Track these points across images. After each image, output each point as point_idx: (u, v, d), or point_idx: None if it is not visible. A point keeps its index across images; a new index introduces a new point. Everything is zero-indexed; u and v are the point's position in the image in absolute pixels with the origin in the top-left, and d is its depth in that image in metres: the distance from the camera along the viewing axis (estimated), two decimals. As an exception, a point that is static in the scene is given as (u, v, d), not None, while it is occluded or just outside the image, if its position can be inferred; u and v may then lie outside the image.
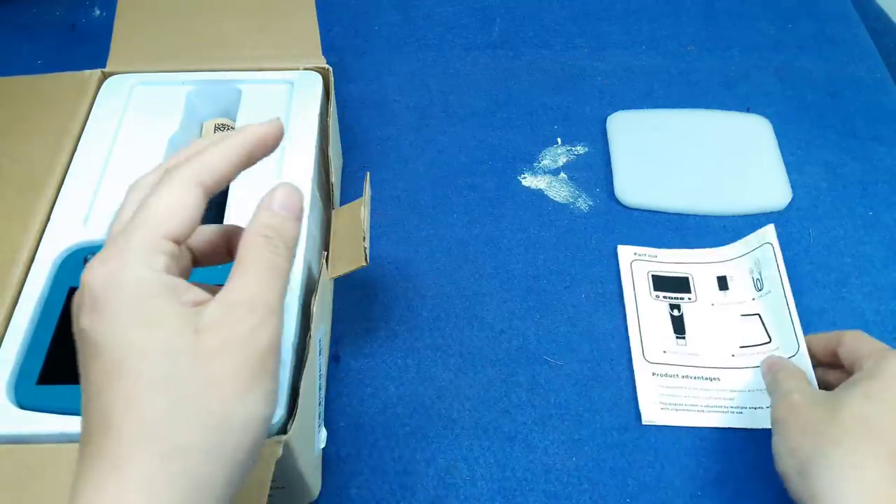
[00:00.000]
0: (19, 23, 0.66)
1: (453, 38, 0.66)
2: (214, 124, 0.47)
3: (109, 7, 0.66)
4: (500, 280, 0.51)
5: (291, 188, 0.28)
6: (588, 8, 0.69)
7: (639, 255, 0.51)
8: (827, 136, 0.59)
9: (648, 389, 0.45)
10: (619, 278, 0.51)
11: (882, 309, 0.49)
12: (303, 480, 0.37)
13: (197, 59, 0.47)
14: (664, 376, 0.46)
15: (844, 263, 0.52)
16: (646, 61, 0.64)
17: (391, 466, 0.43)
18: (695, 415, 0.44)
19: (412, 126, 0.60)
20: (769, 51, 0.65)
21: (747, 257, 0.50)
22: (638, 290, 0.50)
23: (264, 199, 0.28)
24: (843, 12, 0.69)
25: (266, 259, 0.26)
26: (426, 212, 0.54)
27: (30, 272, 0.37)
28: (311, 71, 0.47)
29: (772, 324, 0.46)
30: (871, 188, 0.56)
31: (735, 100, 0.61)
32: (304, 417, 0.34)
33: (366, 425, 0.44)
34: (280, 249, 0.26)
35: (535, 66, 0.64)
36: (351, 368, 0.46)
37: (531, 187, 0.56)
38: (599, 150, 0.58)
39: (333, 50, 0.50)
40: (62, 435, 0.31)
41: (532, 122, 0.60)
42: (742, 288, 0.49)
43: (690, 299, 0.49)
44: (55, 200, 0.40)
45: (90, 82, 0.46)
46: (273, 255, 0.26)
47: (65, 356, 0.34)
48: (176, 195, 0.26)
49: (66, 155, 0.42)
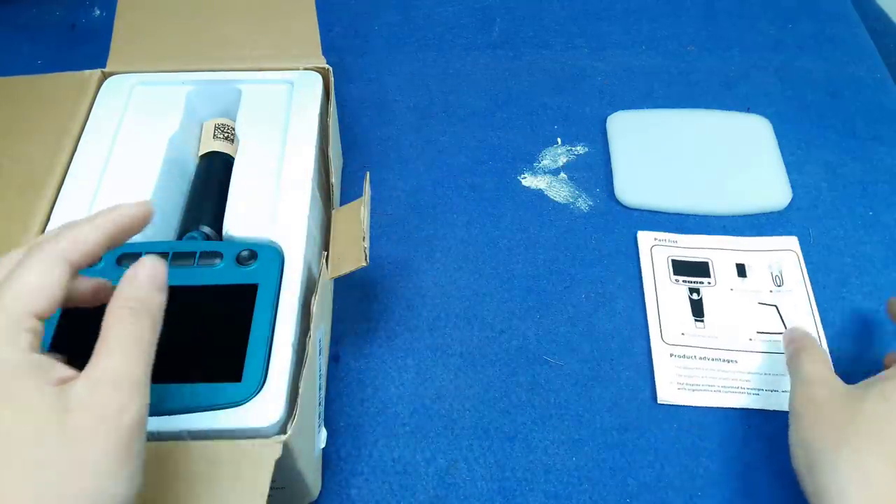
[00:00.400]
0: (19, 23, 0.66)
1: (453, 38, 0.66)
2: (214, 124, 0.47)
3: (109, 7, 0.66)
4: (500, 280, 0.51)
5: (156, 260, 0.28)
6: (588, 8, 0.69)
7: (659, 240, 0.52)
8: (827, 136, 0.59)
9: (666, 370, 0.46)
10: (619, 278, 0.51)
11: (882, 309, 0.49)
12: (303, 480, 0.37)
13: (197, 59, 0.47)
14: (682, 357, 0.47)
15: (844, 263, 0.52)
16: (646, 61, 0.64)
17: (391, 466, 0.43)
18: (711, 395, 0.45)
19: (412, 126, 0.60)
20: (769, 51, 0.65)
21: (766, 254, 0.51)
22: (658, 274, 0.50)
23: (129, 271, 0.28)
24: (843, 12, 0.69)
25: (131, 333, 0.26)
26: (426, 212, 0.54)
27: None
28: (311, 71, 0.47)
29: (790, 318, 0.48)
30: (871, 188, 0.56)
31: (735, 100, 0.61)
32: (304, 417, 0.34)
33: (366, 425, 0.44)
34: (145, 322, 0.26)
35: (535, 66, 0.64)
36: (351, 368, 0.46)
37: (531, 187, 0.56)
38: (599, 150, 0.58)
39: (333, 50, 0.50)
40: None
41: (532, 122, 0.60)
42: (760, 278, 0.50)
43: (710, 283, 0.50)
44: (55, 200, 0.40)
45: (90, 82, 0.46)
46: (138, 328, 0.26)
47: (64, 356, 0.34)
48: (40, 271, 0.26)
49: (66, 155, 0.42)
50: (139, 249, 0.37)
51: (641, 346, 0.48)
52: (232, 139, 0.46)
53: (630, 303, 0.50)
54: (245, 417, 0.32)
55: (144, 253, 0.31)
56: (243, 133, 0.44)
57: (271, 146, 0.43)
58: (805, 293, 0.49)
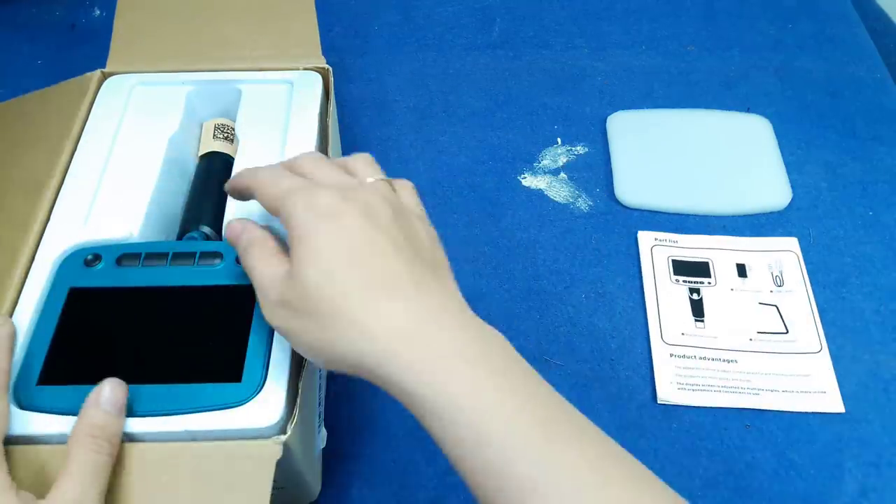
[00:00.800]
0: (19, 23, 0.66)
1: (453, 38, 0.66)
2: (214, 124, 0.47)
3: (109, 7, 0.66)
4: (500, 280, 0.51)
5: (117, 384, 0.31)
6: (588, 8, 0.69)
7: (659, 240, 0.52)
8: (827, 136, 0.59)
9: (666, 370, 0.46)
10: (619, 278, 0.51)
11: (882, 309, 0.49)
12: (303, 480, 0.37)
13: (197, 59, 0.47)
14: (682, 357, 0.47)
15: (844, 263, 0.52)
16: (646, 61, 0.64)
17: (391, 466, 0.43)
18: (711, 395, 0.45)
19: (412, 126, 0.60)
20: (769, 51, 0.65)
21: (767, 254, 0.51)
22: (658, 274, 0.50)
23: (91, 395, 0.31)
24: (843, 12, 0.69)
25: (90, 460, 0.29)
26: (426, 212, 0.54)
27: (30, 273, 0.37)
28: (310, 71, 0.47)
29: (790, 318, 0.48)
30: (871, 188, 0.56)
31: (735, 100, 0.61)
32: (304, 417, 0.34)
33: (366, 425, 0.44)
34: (104, 448, 0.30)
35: (535, 66, 0.64)
36: (351, 368, 0.46)
37: (531, 187, 0.56)
38: (599, 150, 0.58)
39: (333, 50, 0.50)
40: (62, 435, 0.31)
41: (532, 122, 0.60)
42: (760, 278, 0.50)
43: (710, 283, 0.50)
44: (55, 201, 0.40)
45: (90, 83, 0.46)
46: (97, 454, 0.30)
47: (65, 357, 0.34)
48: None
49: (66, 155, 0.42)
50: (139, 249, 0.37)
51: (641, 346, 0.48)
52: (232, 139, 0.46)
53: (630, 303, 0.50)
54: (245, 418, 0.32)
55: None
56: (243, 133, 0.44)
57: (271, 146, 0.43)
58: (805, 293, 0.49)
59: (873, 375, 0.46)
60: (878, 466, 0.43)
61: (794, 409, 0.45)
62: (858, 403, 0.45)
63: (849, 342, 0.48)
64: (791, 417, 0.45)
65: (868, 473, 0.43)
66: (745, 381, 0.46)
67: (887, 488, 0.42)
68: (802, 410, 0.45)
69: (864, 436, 0.44)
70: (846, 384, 0.46)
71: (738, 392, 0.45)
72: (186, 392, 0.32)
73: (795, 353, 0.47)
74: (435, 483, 0.42)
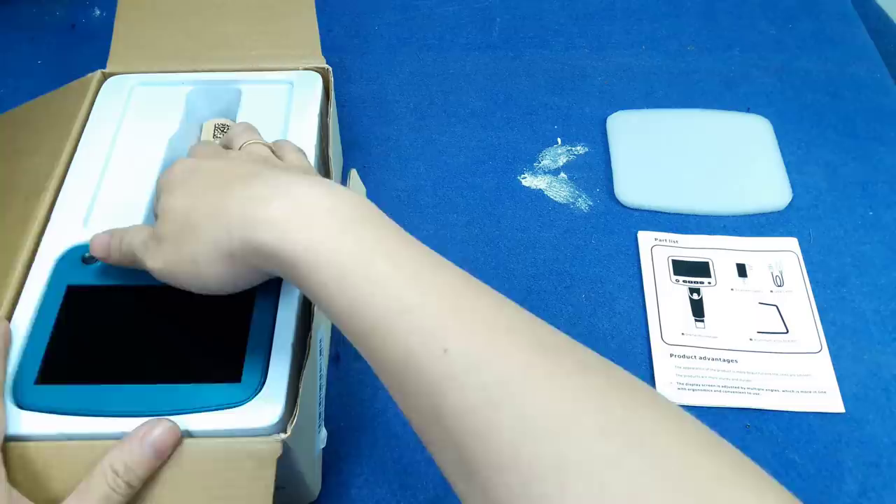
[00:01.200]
0: (19, 23, 0.66)
1: (453, 38, 0.66)
2: (214, 124, 0.47)
3: (109, 7, 0.66)
4: (500, 280, 0.51)
5: (170, 428, 0.31)
6: (588, 8, 0.69)
7: (659, 240, 0.52)
8: (827, 136, 0.59)
9: (665, 370, 0.46)
10: (619, 278, 0.51)
11: (882, 309, 0.49)
12: (303, 480, 0.37)
13: (197, 59, 0.47)
14: (682, 357, 0.47)
15: (844, 263, 0.52)
16: (646, 61, 0.64)
17: (391, 466, 0.43)
18: (712, 395, 0.45)
19: (412, 126, 0.60)
20: (769, 51, 0.65)
21: (767, 254, 0.51)
22: (658, 274, 0.50)
23: (143, 427, 0.30)
24: (843, 12, 0.69)
25: (103, 494, 0.29)
26: (426, 212, 0.54)
27: (30, 273, 0.37)
28: (310, 71, 0.47)
29: (790, 318, 0.48)
30: (871, 188, 0.56)
31: (735, 100, 0.61)
32: (304, 417, 0.34)
33: (366, 425, 0.44)
34: (120, 488, 0.29)
35: (535, 66, 0.64)
36: (351, 368, 0.46)
37: (531, 187, 0.56)
38: (599, 150, 0.58)
39: (333, 50, 0.50)
40: (60, 435, 0.31)
41: (532, 122, 0.60)
42: (760, 278, 0.50)
43: (710, 283, 0.50)
44: (55, 201, 0.40)
45: (90, 83, 0.46)
46: (112, 491, 0.29)
47: (63, 356, 0.34)
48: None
49: (66, 155, 0.42)
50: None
51: (641, 346, 0.48)
52: (232, 139, 0.46)
53: (630, 303, 0.50)
54: (244, 418, 0.32)
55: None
56: (243, 133, 0.44)
57: (271, 146, 0.43)
58: (805, 293, 0.49)
59: (873, 375, 0.46)
60: (878, 466, 0.43)
61: (794, 408, 0.45)
62: (858, 403, 0.45)
63: (849, 342, 0.48)
64: (791, 417, 0.45)
65: (868, 473, 0.43)
66: (745, 381, 0.46)
67: (887, 488, 0.42)
68: (802, 410, 0.45)
69: (864, 436, 0.44)
70: (846, 384, 0.46)
71: (738, 392, 0.45)
72: (186, 392, 0.32)
73: (795, 353, 0.47)
74: (435, 483, 0.42)
